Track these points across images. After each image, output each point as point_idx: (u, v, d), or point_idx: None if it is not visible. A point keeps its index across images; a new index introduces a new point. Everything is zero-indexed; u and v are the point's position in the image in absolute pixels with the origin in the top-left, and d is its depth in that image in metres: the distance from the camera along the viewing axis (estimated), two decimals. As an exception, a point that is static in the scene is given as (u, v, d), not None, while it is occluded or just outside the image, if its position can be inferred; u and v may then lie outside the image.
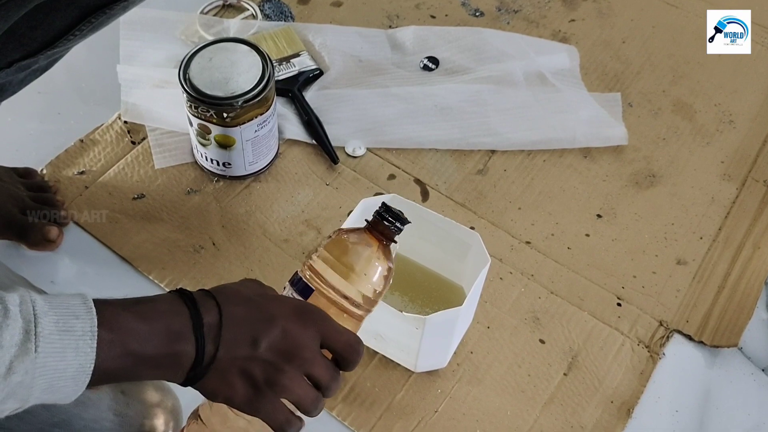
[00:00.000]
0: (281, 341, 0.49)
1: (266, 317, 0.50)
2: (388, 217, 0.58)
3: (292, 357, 0.49)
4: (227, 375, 0.48)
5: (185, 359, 0.47)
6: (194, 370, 0.47)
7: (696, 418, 0.79)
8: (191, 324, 0.47)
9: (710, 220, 0.93)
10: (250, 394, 0.48)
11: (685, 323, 0.84)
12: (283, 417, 0.50)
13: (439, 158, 0.96)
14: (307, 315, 0.52)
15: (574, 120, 0.99)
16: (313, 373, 0.51)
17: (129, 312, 0.46)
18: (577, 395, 0.78)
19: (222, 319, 0.48)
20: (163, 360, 0.46)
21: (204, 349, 0.47)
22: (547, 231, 0.91)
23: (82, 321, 0.43)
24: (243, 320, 0.49)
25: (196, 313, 0.48)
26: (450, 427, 0.75)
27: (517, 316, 0.83)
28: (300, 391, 0.50)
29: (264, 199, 0.91)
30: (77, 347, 0.42)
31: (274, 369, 0.49)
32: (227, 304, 0.49)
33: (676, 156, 0.99)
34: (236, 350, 0.48)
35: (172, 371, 0.47)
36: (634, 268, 0.88)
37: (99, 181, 0.91)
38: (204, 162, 0.91)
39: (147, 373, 0.47)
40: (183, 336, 0.47)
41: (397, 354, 0.78)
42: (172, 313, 0.48)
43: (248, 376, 0.48)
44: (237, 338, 0.48)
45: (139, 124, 0.95)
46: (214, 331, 0.47)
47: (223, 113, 0.82)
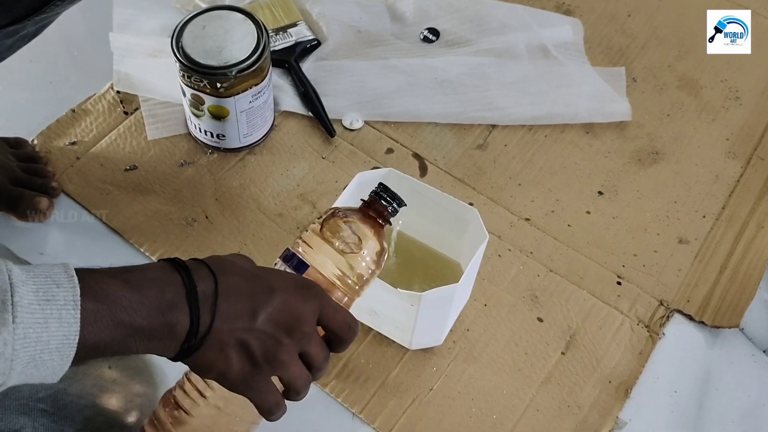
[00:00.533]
0: (281, 313, 0.47)
1: (265, 288, 0.48)
2: (386, 197, 0.57)
3: (292, 331, 0.48)
4: (224, 347, 0.46)
5: (179, 329, 0.44)
6: (188, 341, 0.45)
7: (695, 399, 0.77)
8: (184, 292, 0.45)
9: (714, 199, 0.91)
10: (246, 369, 0.47)
11: (686, 303, 0.83)
12: (274, 399, 0.49)
13: (438, 132, 0.94)
14: (306, 289, 0.50)
15: (576, 95, 0.96)
16: (310, 351, 0.49)
17: (116, 280, 0.44)
18: (574, 374, 0.77)
19: (218, 288, 0.46)
20: (156, 331, 0.44)
21: (199, 319, 0.45)
22: (547, 208, 0.89)
23: (64, 290, 0.41)
24: (240, 290, 0.47)
25: (190, 280, 0.45)
26: (445, 405, 0.74)
27: (515, 293, 0.82)
28: (296, 368, 0.49)
29: (258, 172, 0.89)
30: (60, 317, 0.40)
31: (273, 342, 0.47)
32: (223, 273, 0.47)
33: (681, 133, 0.96)
34: (234, 321, 0.46)
35: (164, 343, 0.45)
36: (635, 247, 0.86)
37: (90, 152, 0.89)
38: (198, 134, 0.89)
39: (138, 346, 0.44)
40: (176, 305, 0.44)
41: (391, 331, 0.76)
42: (163, 281, 0.45)
43: (246, 349, 0.46)
44: (234, 309, 0.46)
45: (132, 94, 0.93)
46: (209, 301, 0.45)
47: (216, 83, 0.80)
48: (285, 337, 0.47)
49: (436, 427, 0.73)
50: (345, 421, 0.73)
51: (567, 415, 0.74)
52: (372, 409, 0.74)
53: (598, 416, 0.75)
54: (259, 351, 0.47)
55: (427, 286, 0.76)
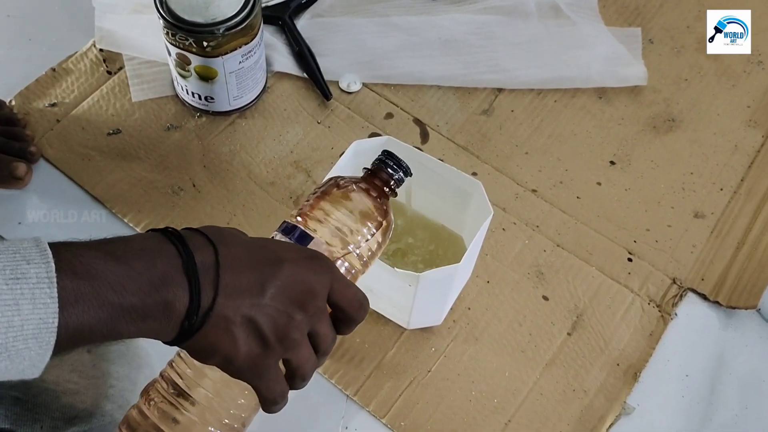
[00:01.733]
0: (292, 287, 0.42)
1: (271, 259, 0.43)
2: (392, 165, 0.53)
3: (305, 305, 0.43)
4: (229, 326, 0.40)
5: (177, 306, 0.39)
6: (189, 319, 0.39)
7: (707, 383, 0.73)
8: (181, 263, 0.39)
9: (732, 170, 0.86)
10: (255, 351, 0.41)
11: (700, 281, 0.78)
12: (280, 388, 0.44)
13: (441, 96, 0.88)
14: (317, 260, 0.45)
15: (589, 57, 0.90)
16: (319, 330, 0.44)
17: (98, 253, 0.38)
18: (580, 357, 0.73)
19: (219, 259, 0.40)
20: (149, 309, 0.38)
21: (200, 293, 0.39)
22: (555, 178, 0.84)
23: (36, 266, 0.35)
24: (244, 261, 0.42)
25: (186, 250, 0.40)
26: (444, 387, 0.71)
27: (519, 270, 0.77)
28: (306, 350, 0.44)
29: (249, 137, 0.84)
30: (33, 297, 0.35)
31: (286, 319, 0.42)
32: (223, 243, 0.42)
33: (699, 99, 0.91)
34: (240, 295, 0.40)
35: (161, 323, 0.39)
36: (648, 221, 0.82)
37: (72, 114, 0.84)
38: (185, 96, 0.83)
39: (130, 328, 0.38)
40: (171, 278, 0.39)
41: (388, 310, 0.72)
42: (154, 252, 0.39)
43: (255, 327, 0.41)
44: (239, 281, 0.41)
45: (115, 53, 0.88)
46: (210, 273, 0.40)
47: (203, 42, 0.74)
48: (297, 313, 0.42)
49: (434, 411, 0.69)
50: (338, 404, 0.70)
51: (572, 400, 0.71)
52: (367, 392, 0.70)
53: (605, 401, 0.71)
54: (270, 329, 0.41)
55: (426, 263, 0.72)
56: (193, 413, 0.46)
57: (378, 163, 0.54)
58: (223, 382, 0.46)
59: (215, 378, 0.46)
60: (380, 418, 0.69)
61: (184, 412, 0.44)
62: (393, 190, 0.55)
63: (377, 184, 0.53)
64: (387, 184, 0.54)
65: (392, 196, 0.56)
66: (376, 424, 0.69)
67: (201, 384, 0.46)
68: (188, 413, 0.44)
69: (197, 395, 0.46)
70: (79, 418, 0.55)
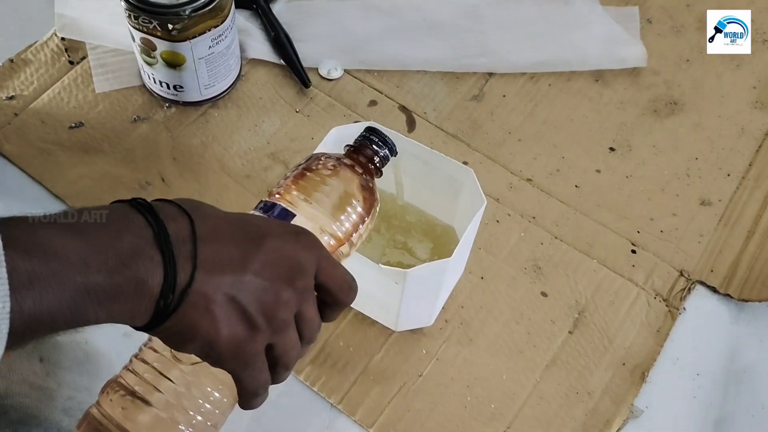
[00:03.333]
0: (278, 262, 0.37)
1: (254, 232, 0.38)
2: (377, 141, 0.50)
3: (293, 282, 0.38)
4: (210, 305, 0.35)
5: (150, 284, 0.34)
6: (164, 298, 0.34)
7: (720, 382, 0.68)
8: (152, 234, 0.34)
9: (739, 155, 0.81)
10: (239, 334, 0.36)
11: (710, 273, 0.73)
12: (264, 378, 0.39)
13: (427, 82, 0.83)
14: (302, 235, 0.40)
15: (584, 38, 0.85)
16: (306, 313, 0.39)
17: (53, 227, 0.33)
18: (583, 356, 0.68)
19: (195, 230, 0.35)
20: (118, 288, 0.33)
21: (176, 266, 0.34)
22: (551, 166, 0.78)
23: None
24: (225, 234, 0.37)
25: (157, 221, 0.35)
26: (436, 393, 0.65)
27: (515, 264, 0.72)
28: (293, 334, 0.39)
29: (223, 128, 0.78)
30: None
31: (272, 297, 0.37)
32: (199, 215, 0.37)
33: (701, 80, 0.86)
34: (220, 271, 0.35)
35: (133, 304, 0.34)
36: (652, 210, 0.76)
37: (31, 107, 0.78)
38: (152, 85, 0.78)
39: (98, 312, 0.33)
40: (142, 251, 0.33)
41: (374, 311, 0.66)
42: (120, 223, 0.34)
43: (238, 307, 0.36)
44: (220, 255, 0.36)
45: (78, 42, 0.82)
46: (187, 246, 0.35)
47: (168, 24, 0.68)
48: (285, 290, 0.37)
49: (427, 419, 0.64)
50: (322, 413, 0.64)
51: (575, 403, 0.65)
52: (352, 399, 0.64)
53: (611, 404, 0.66)
54: (256, 309, 0.36)
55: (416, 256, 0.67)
56: (160, 409, 0.40)
57: (362, 139, 0.50)
58: (195, 373, 0.41)
59: (186, 369, 0.41)
60: (367, 427, 0.63)
61: (151, 408, 0.39)
62: (378, 168, 0.50)
63: (361, 160, 0.50)
64: (371, 161, 0.50)
65: (377, 176, 0.51)
66: (363, 434, 0.63)
67: (170, 376, 0.41)
68: (155, 409, 0.39)
69: (166, 389, 0.41)
70: (32, 435, 0.50)
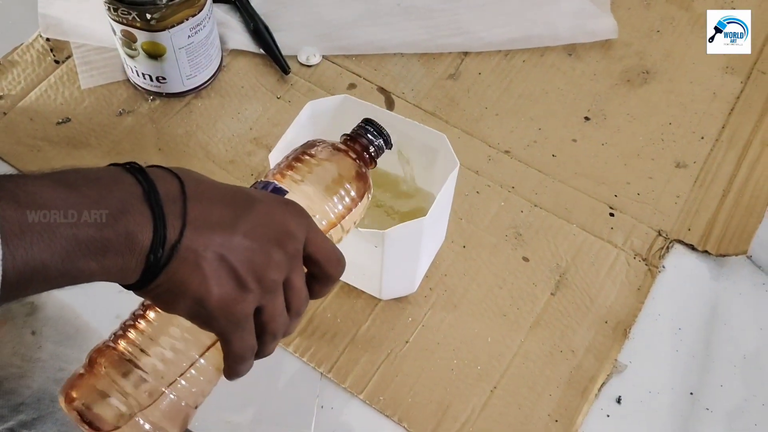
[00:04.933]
0: (267, 225, 0.38)
1: (244, 197, 0.39)
2: (372, 131, 0.50)
3: (283, 244, 0.38)
4: (200, 262, 0.35)
5: (140, 238, 0.34)
6: (154, 253, 0.34)
7: (702, 335, 0.70)
8: (141, 192, 0.35)
9: (712, 118, 0.82)
10: (230, 292, 0.36)
11: (687, 232, 0.74)
12: (250, 342, 0.39)
13: (404, 63, 0.85)
14: (293, 205, 0.41)
15: (555, 13, 0.87)
16: (294, 282, 0.39)
17: (45, 181, 0.33)
18: (566, 316, 0.69)
19: (185, 190, 0.36)
20: (109, 241, 0.33)
21: (165, 221, 0.34)
22: (528, 138, 0.80)
23: None
24: (215, 196, 0.37)
25: (146, 179, 0.35)
26: (423, 358, 0.66)
27: (496, 232, 0.74)
28: (280, 301, 0.39)
29: (206, 117, 0.80)
30: None
31: (263, 257, 0.37)
32: (189, 178, 0.37)
33: (672, 49, 0.88)
34: (210, 230, 0.36)
35: (124, 258, 0.34)
36: (628, 174, 0.78)
37: (19, 105, 0.80)
38: (136, 78, 0.80)
39: (91, 265, 0.33)
40: (131, 207, 0.34)
41: (359, 280, 0.68)
42: (111, 181, 0.35)
43: (229, 266, 0.36)
44: (210, 215, 0.36)
45: (63, 42, 0.84)
46: (177, 205, 0.35)
47: (146, 14, 0.70)
48: (275, 252, 0.38)
49: (415, 383, 0.65)
50: (313, 383, 0.66)
51: (560, 361, 0.67)
52: (342, 368, 0.66)
53: (595, 360, 0.67)
54: (246, 269, 0.37)
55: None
56: (147, 374, 0.41)
57: (358, 129, 0.51)
58: (184, 338, 0.41)
59: (174, 334, 0.41)
60: (357, 394, 0.65)
61: (137, 370, 0.40)
62: (373, 158, 0.51)
63: (356, 148, 0.50)
64: (366, 150, 0.50)
65: (371, 166, 0.52)
66: (353, 401, 0.65)
67: (157, 341, 0.41)
68: (141, 372, 0.40)
69: (153, 353, 0.41)
70: (26, 405, 0.51)
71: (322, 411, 0.64)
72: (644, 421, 0.65)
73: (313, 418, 0.64)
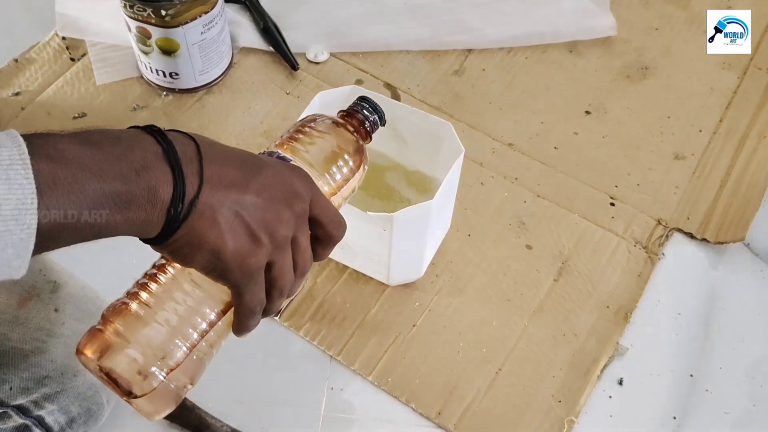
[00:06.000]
0: (276, 186, 0.40)
1: (254, 161, 0.41)
2: (368, 107, 0.53)
3: (291, 204, 0.41)
4: (217, 216, 0.38)
5: (161, 193, 0.36)
6: (175, 207, 0.37)
7: (701, 320, 0.71)
8: (161, 151, 0.37)
9: (710, 112, 0.85)
10: (244, 246, 0.39)
11: (686, 221, 0.77)
12: (260, 297, 0.42)
13: (410, 60, 0.87)
14: (298, 170, 0.43)
15: (556, 11, 0.90)
16: (300, 241, 0.42)
17: (72, 139, 0.35)
18: (569, 301, 0.71)
19: (201, 151, 0.38)
20: (133, 195, 0.35)
21: (184, 179, 0.37)
22: (531, 131, 0.82)
23: (7, 149, 0.32)
24: (228, 158, 0.40)
25: (165, 140, 0.37)
26: (430, 341, 0.68)
27: (500, 222, 0.76)
28: (288, 258, 0.42)
29: (218, 111, 0.82)
30: (8, 179, 0.32)
31: (273, 215, 0.40)
32: (204, 141, 0.40)
33: (670, 46, 0.90)
34: (225, 188, 0.38)
35: (146, 211, 0.36)
36: (628, 165, 0.80)
37: (36, 100, 0.82)
38: (149, 74, 0.82)
39: (116, 218, 0.35)
40: (152, 165, 0.36)
41: (367, 265, 0.70)
42: (132, 140, 0.37)
43: (243, 222, 0.39)
44: (224, 174, 0.38)
45: (78, 40, 0.87)
46: (194, 164, 0.38)
47: (161, 11, 0.73)
48: (285, 210, 0.40)
49: (422, 365, 0.67)
50: (323, 366, 0.67)
51: (563, 344, 0.69)
52: (351, 350, 0.68)
53: (597, 343, 0.69)
54: (259, 225, 0.39)
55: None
56: (161, 328, 0.42)
57: (354, 105, 0.54)
58: (196, 294, 0.43)
59: (187, 291, 0.43)
60: (366, 376, 0.67)
61: (151, 327, 0.42)
62: (368, 133, 0.53)
63: (354, 123, 0.53)
64: (362, 124, 0.53)
65: (367, 141, 0.54)
66: (362, 382, 0.67)
67: (171, 297, 0.43)
68: (155, 328, 0.42)
69: (167, 309, 0.43)
70: (50, 378, 0.53)
71: (332, 392, 0.66)
72: (645, 402, 0.67)
73: (324, 399, 0.66)
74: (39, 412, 0.53)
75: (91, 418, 0.56)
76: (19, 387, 0.52)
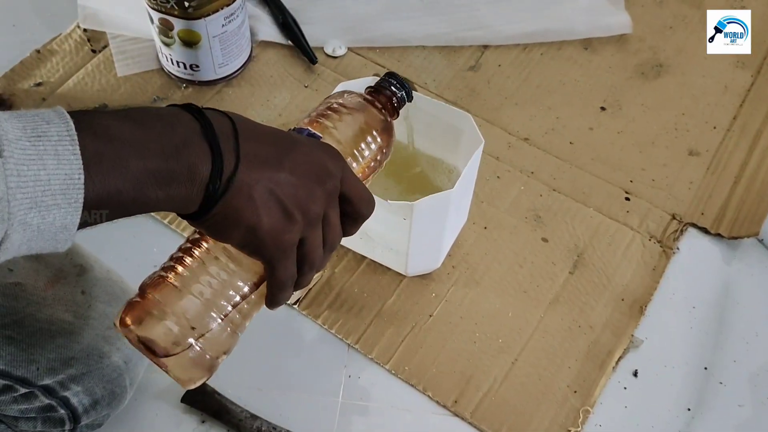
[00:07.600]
0: (309, 163, 0.41)
1: (287, 139, 0.42)
2: (396, 84, 0.53)
3: (323, 181, 0.42)
4: (252, 194, 0.39)
5: (200, 170, 0.37)
6: (213, 183, 0.38)
7: (715, 313, 0.72)
8: (199, 129, 0.38)
9: (724, 109, 0.85)
10: (278, 222, 0.40)
11: (700, 216, 0.77)
12: (292, 271, 0.43)
13: (426, 55, 0.88)
14: (329, 148, 0.44)
15: (571, 9, 0.91)
16: (331, 218, 0.43)
17: (116, 116, 0.36)
18: (584, 294, 0.72)
19: (236, 129, 0.39)
20: (174, 172, 0.36)
21: (222, 156, 0.38)
22: (546, 126, 0.83)
23: (56, 125, 0.34)
24: (262, 136, 0.41)
25: (203, 117, 0.38)
26: (446, 331, 0.69)
27: (516, 215, 0.76)
28: (319, 234, 0.43)
29: (237, 104, 0.83)
30: (57, 153, 0.33)
31: (306, 192, 0.41)
32: (239, 119, 0.41)
33: (685, 44, 0.91)
34: (260, 166, 0.39)
35: (186, 187, 0.37)
36: (643, 161, 0.81)
37: (57, 92, 0.83)
38: (170, 66, 0.83)
39: (158, 193, 0.36)
40: (192, 142, 0.37)
41: (386, 255, 0.71)
42: (172, 118, 0.38)
43: (277, 199, 0.40)
44: (259, 152, 0.40)
45: (99, 32, 0.88)
46: (230, 141, 0.39)
47: (184, 2, 0.74)
48: (317, 188, 0.41)
49: (438, 354, 0.68)
50: (341, 354, 0.68)
51: (578, 336, 0.69)
52: (368, 339, 0.68)
53: (612, 336, 0.69)
54: (292, 202, 0.40)
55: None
56: (196, 300, 0.43)
57: (381, 81, 0.54)
58: (230, 268, 0.44)
59: (222, 264, 0.44)
60: (383, 364, 0.67)
61: (187, 298, 0.43)
62: (396, 109, 0.54)
63: (381, 99, 0.53)
64: (390, 101, 0.53)
65: (394, 117, 0.55)
66: (379, 370, 0.67)
67: (207, 270, 0.44)
68: (191, 299, 0.43)
69: (203, 281, 0.44)
70: (76, 359, 0.54)
71: (349, 380, 0.67)
72: (660, 394, 0.67)
73: (341, 386, 0.67)
74: (64, 392, 0.54)
75: (114, 401, 0.57)
76: (46, 367, 0.53)
